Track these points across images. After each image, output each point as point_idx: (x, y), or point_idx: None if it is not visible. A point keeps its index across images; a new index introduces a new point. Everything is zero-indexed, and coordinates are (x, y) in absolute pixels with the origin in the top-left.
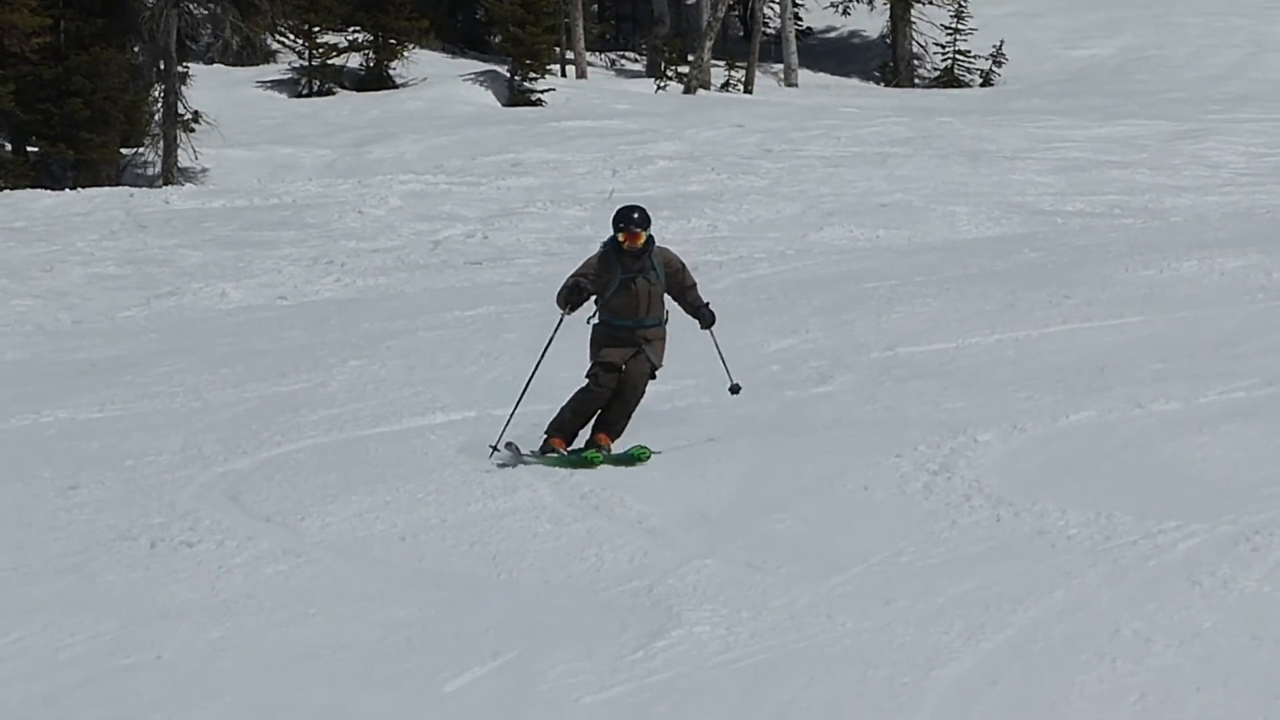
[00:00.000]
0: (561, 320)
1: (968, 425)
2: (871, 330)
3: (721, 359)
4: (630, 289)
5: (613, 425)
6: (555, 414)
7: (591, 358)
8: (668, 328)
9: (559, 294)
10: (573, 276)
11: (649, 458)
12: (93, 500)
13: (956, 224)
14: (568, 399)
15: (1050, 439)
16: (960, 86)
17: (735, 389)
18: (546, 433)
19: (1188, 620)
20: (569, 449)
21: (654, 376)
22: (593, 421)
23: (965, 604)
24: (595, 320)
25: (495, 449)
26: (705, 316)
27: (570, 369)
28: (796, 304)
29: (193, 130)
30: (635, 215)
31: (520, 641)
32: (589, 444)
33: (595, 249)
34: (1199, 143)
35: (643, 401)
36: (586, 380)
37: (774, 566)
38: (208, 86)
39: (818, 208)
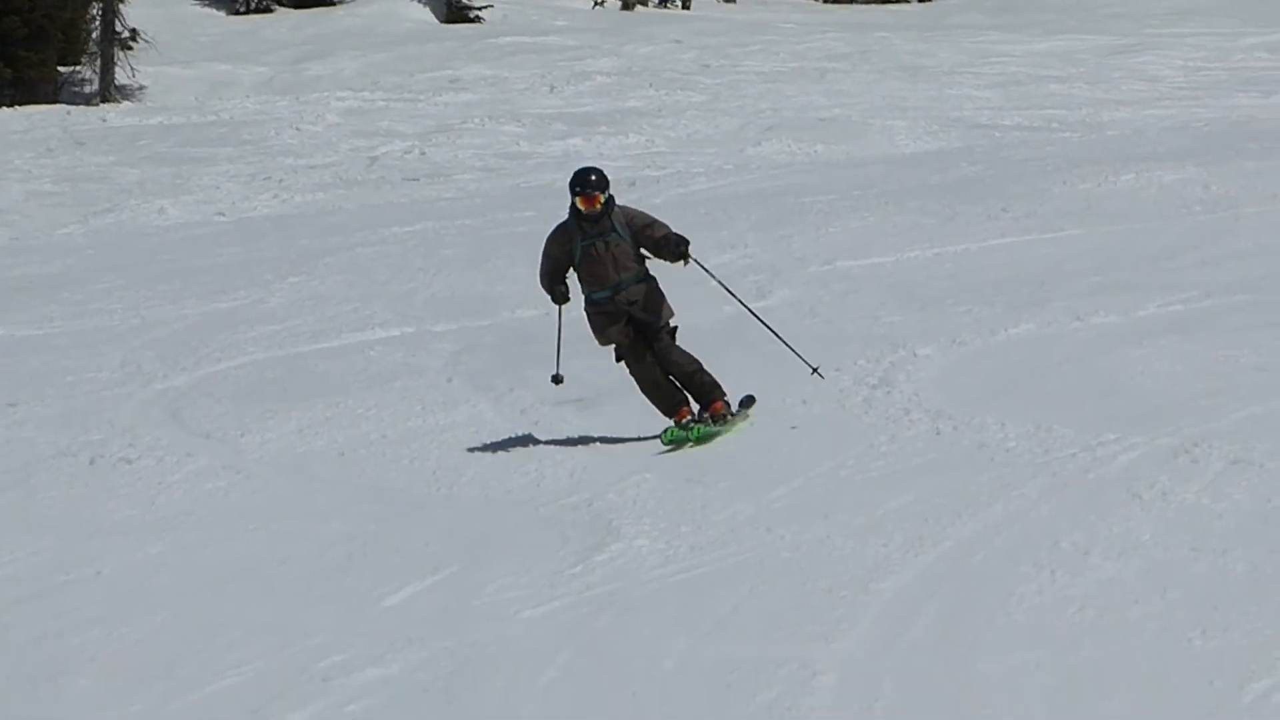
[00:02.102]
0: (560, 312)
1: (907, 339)
2: (810, 244)
3: (787, 345)
4: (593, 254)
5: (705, 394)
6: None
7: (599, 343)
8: (655, 277)
9: (542, 284)
10: (542, 262)
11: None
12: (32, 417)
13: (895, 138)
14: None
15: (989, 352)
16: (899, 2)
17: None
18: (670, 417)
19: (1127, 532)
20: (692, 413)
21: (675, 329)
22: (693, 400)
23: (904, 517)
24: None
25: (559, 378)
26: (670, 245)
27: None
28: (735, 219)
29: (130, 48)
30: (592, 178)
31: (459, 556)
32: (708, 419)
33: (532, 164)
34: (1137, 57)
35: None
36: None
37: (713, 480)
38: (145, 4)
39: (756, 123)
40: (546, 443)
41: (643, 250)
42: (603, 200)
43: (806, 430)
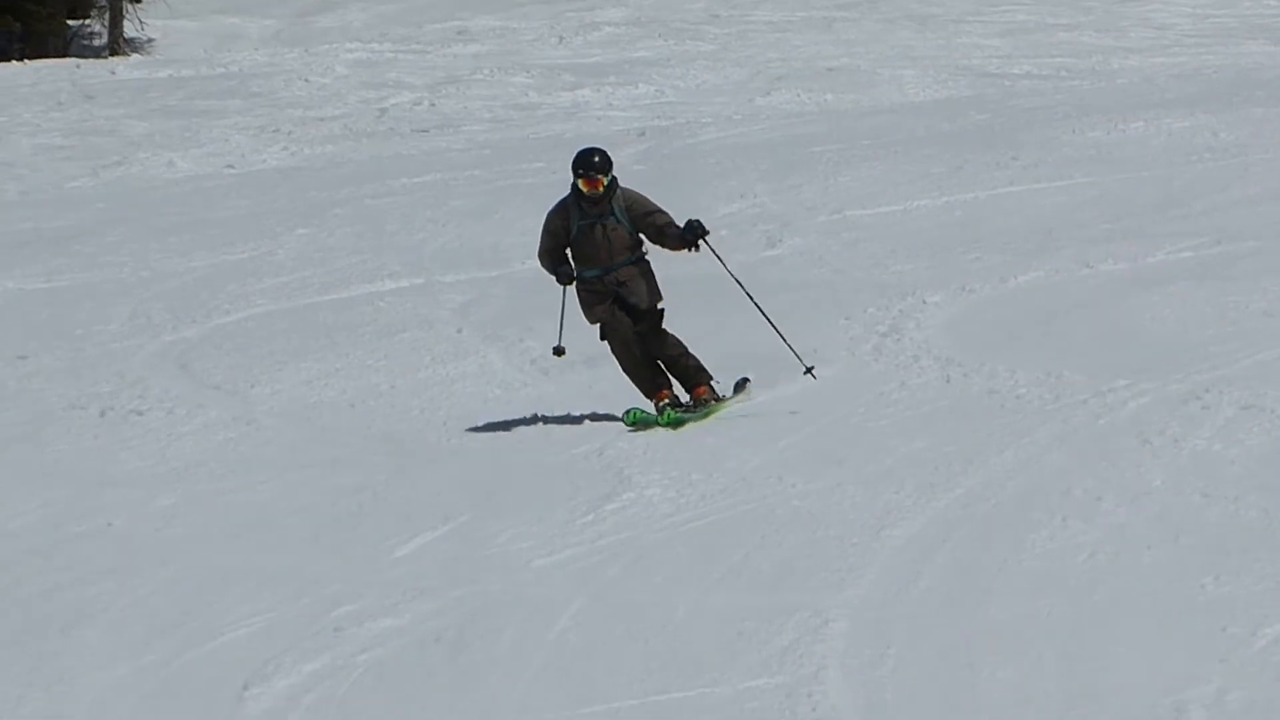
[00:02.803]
0: (566, 292)
1: (916, 287)
2: (819, 194)
3: (785, 341)
4: (590, 235)
5: (690, 377)
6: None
7: (589, 321)
8: (649, 260)
9: (542, 263)
10: (543, 240)
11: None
12: (42, 370)
13: (904, 87)
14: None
15: (999, 300)
16: None
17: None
18: (651, 399)
19: (1138, 478)
20: (672, 394)
21: (662, 311)
22: (677, 384)
23: (916, 464)
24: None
25: (561, 350)
26: (690, 229)
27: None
28: (744, 169)
29: (139, 1)
30: (596, 160)
31: (470, 506)
32: (691, 404)
33: (541, 115)
34: (1146, 4)
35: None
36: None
37: (724, 429)
38: None
39: (765, 73)
40: (556, 393)
41: (642, 236)
42: (605, 184)
43: (816, 378)
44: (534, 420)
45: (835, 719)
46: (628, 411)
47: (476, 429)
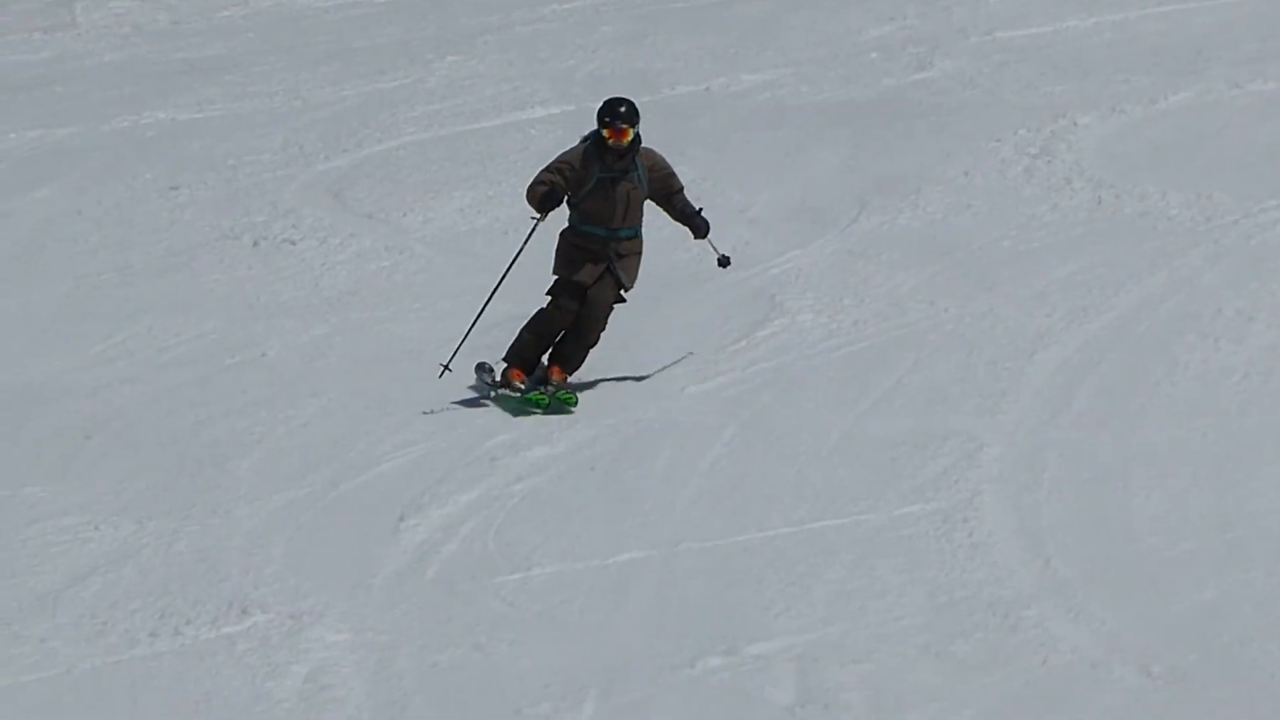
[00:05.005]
0: (535, 226)
1: (1067, 108)
2: (969, 15)
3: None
4: (608, 191)
5: (569, 359)
6: (513, 339)
7: (555, 271)
8: (643, 241)
9: (531, 193)
10: (546, 173)
11: (576, 403)
12: (194, 200)
13: None
14: (526, 321)
15: (1149, 121)
16: None
17: (724, 261)
18: (505, 360)
19: None
20: (528, 380)
21: (623, 299)
22: (549, 351)
23: (1068, 287)
24: (565, 225)
25: (447, 368)
26: (699, 225)
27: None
28: None
29: None
30: (622, 109)
31: (622, 333)
32: (547, 382)
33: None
34: None
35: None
36: (547, 300)
37: (875, 253)
38: None
39: None
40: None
41: (653, 199)
42: (631, 136)
43: (968, 201)
44: (685, 247)
45: (991, 544)
46: (569, 395)
47: None
